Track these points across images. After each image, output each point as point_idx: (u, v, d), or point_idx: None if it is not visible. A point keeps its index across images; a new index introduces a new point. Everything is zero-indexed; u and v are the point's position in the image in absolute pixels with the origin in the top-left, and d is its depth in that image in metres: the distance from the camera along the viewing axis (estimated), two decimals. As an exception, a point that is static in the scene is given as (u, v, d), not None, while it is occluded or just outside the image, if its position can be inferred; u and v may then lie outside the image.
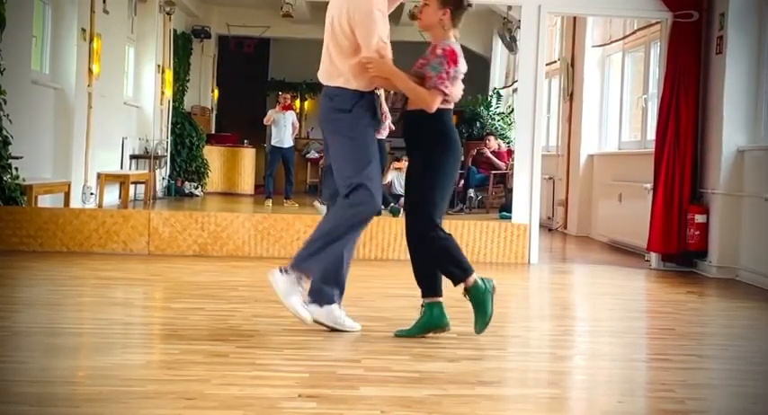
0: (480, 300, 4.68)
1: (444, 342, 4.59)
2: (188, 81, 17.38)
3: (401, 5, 5.50)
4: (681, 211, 8.16)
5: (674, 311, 6.07)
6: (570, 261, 9.18)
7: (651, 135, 9.39)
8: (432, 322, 4.68)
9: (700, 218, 8.04)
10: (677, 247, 8.19)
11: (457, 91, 4.69)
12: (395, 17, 13.67)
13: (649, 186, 8.59)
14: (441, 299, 4.70)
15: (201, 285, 6.34)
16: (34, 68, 9.73)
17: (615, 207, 10.39)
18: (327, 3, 4.89)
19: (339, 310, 4.76)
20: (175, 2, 15.01)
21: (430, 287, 4.71)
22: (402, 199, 13.60)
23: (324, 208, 5.88)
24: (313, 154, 18.30)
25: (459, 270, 4.68)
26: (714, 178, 8.02)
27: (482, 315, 4.69)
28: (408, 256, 4.80)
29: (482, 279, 4.70)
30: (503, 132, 15.94)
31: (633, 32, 10.47)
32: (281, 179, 14.30)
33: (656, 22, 9.14)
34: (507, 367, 4.27)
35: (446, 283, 4.72)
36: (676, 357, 4.54)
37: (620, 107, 11.22)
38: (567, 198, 12.10)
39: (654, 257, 8.44)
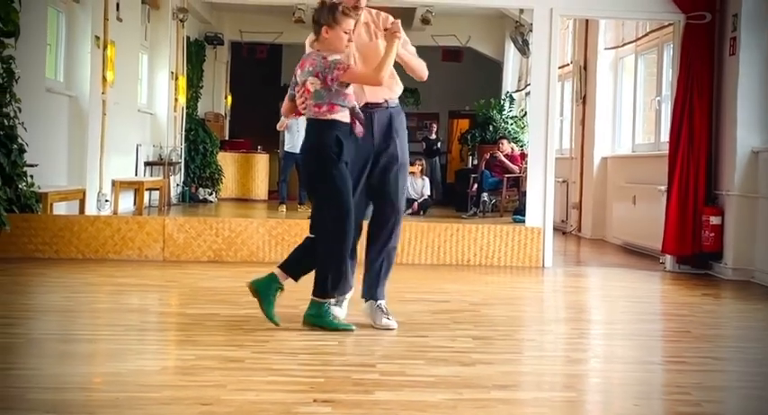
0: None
1: (459, 346, 4.59)
2: (201, 87, 17.44)
3: (413, 11, 5.55)
4: (695, 213, 8.13)
5: (689, 313, 6.04)
6: (584, 264, 9.16)
7: (665, 137, 9.36)
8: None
9: (714, 220, 8.00)
10: (692, 249, 8.16)
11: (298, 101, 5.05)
12: (407, 22, 13.68)
13: (664, 188, 8.56)
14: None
15: (216, 290, 6.35)
16: (48, 76, 9.78)
17: (629, 209, 10.36)
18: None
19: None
20: (188, 9, 15.07)
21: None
22: (415, 204, 13.69)
23: None
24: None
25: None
26: (728, 179, 7.99)
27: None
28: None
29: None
30: (516, 135, 15.93)
31: (646, 34, 10.45)
32: (294, 184, 14.32)
33: (669, 24, 9.11)
34: (522, 371, 4.28)
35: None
36: (692, 360, 4.52)
37: (633, 109, 11.19)
38: (580, 201, 12.07)
39: (669, 259, 8.42)
